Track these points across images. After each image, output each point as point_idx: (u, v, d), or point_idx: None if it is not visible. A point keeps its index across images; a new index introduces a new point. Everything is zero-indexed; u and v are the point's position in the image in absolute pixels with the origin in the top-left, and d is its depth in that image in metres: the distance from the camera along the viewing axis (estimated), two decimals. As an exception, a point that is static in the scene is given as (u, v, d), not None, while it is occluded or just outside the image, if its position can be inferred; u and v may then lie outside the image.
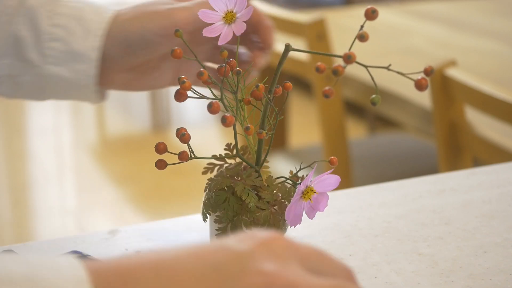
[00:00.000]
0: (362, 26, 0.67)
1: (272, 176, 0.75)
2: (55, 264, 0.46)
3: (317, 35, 1.80)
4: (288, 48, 0.70)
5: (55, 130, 3.96)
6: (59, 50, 0.81)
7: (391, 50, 2.15)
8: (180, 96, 0.70)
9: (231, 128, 0.71)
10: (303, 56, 1.86)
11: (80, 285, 0.45)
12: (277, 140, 2.30)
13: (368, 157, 2.11)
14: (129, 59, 0.81)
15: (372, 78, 0.66)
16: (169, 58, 0.80)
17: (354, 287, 0.52)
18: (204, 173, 0.76)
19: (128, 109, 4.27)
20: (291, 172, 0.76)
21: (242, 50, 0.84)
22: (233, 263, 0.47)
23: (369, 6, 0.66)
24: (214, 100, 0.69)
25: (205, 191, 0.76)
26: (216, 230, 0.75)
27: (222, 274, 0.47)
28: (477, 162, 1.65)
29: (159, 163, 0.72)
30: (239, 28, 0.71)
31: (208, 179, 0.76)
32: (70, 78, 0.82)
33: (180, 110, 4.23)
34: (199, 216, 0.79)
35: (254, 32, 0.82)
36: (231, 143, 0.75)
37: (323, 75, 1.20)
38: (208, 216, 0.75)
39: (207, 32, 0.72)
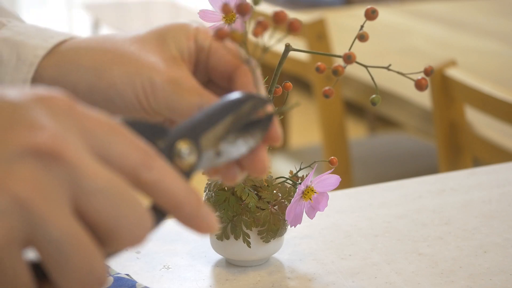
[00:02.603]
0: (362, 26, 0.67)
1: (272, 176, 0.75)
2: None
3: (317, 35, 1.80)
4: (288, 48, 0.70)
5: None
6: None
7: (391, 50, 2.15)
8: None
9: (231, 128, 0.70)
10: (303, 56, 1.86)
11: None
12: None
13: (368, 157, 2.11)
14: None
15: (372, 78, 0.66)
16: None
17: (156, 168, 0.42)
18: (204, 173, 0.76)
19: (128, 109, 4.27)
20: (291, 172, 0.76)
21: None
22: (1, 109, 0.39)
23: (369, 6, 0.66)
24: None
25: (205, 191, 0.76)
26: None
27: None
28: (477, 162, 1.65)
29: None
30: (239, 28, 0.71)
31: (208, 179, 0.76)
32: None
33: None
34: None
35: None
36: (231, 143, 0.75)
37: (323, 75, 1.20)
38: (208, 216, 0.75)
39: (207, 32, 0.72)
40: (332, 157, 0.74)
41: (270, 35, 0.55)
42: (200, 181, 0.63)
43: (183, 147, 0.45)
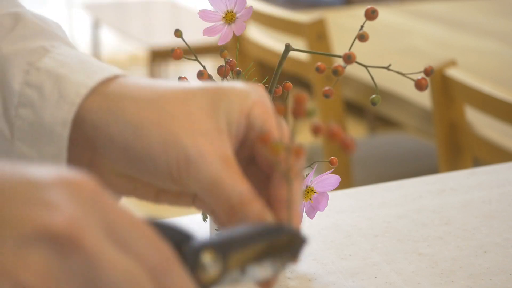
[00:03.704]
0: (362, 26, 0.67)
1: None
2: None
3: (317, 35, 1.80)
4: (288, 48, 0.70)
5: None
6: (27, 121, 0.55)
7: (391, 50, 2.15)
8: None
9: (231, 128, 0.70)
10: (303, 56, 1.86)
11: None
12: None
13: (368, 157, 2.10)
14: (124, 167, 0.53)
15: (372, 78, 0.66)
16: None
17: (171, 276, 0.40)
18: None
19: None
20: (291, 172, 0.76)
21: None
22: (20, 187, 0.37)
23: (369, 6, 0.66)
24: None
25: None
26: (216, 230, 0.75)
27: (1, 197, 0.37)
28: (477, 162, 1.65)
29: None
30: (239, 28, 0.71)
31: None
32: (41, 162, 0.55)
33: (180, 110, 4.22)
34: (199, 216, 0.79)
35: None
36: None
37: (323, 75, 1.20)
38: (208, 216, 0.75)
39: (207, 32, 0.72)
40: (332, 157, 0.74)
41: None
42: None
43: (209, 259, 0.43)
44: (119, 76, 0.55)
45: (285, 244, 0.47)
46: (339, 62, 0.67)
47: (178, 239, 0.43)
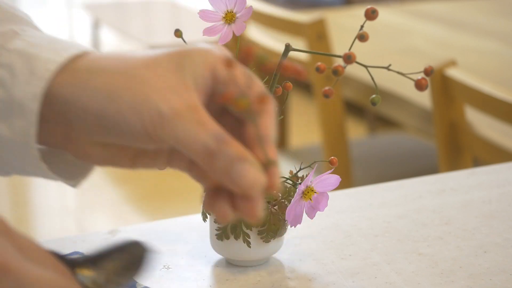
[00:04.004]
0: (362, 26, 0.67)
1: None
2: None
3: (317, 35, 1.80)
4: (288, 48, 0.70)
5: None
6: None
7: (391, 50, 2.15)
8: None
9: (231, 128, 0.70)
10: (303, 56, 1.86)
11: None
12: (277, 140, 2.30)
13: (368, 157, 2.11)
14: (103, 138, 0.56)
15: (372, 78, 0.66)
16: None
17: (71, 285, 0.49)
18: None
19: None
20: (291, 172, 0.76)
21: None
22: None
23: (369, 6, 0.66)
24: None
25: (205, 191, 0.76)
26: (216, 230, 0.75)
27: None
28: (477, 162, 1.65)
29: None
30: (239, 28, 0.71)
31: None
32: (12, 139, 0.57)
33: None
34: (199, 216, 0.79)
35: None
36: (231, 143, 0.75)
37: (323, 75, 1.20)
38: (208, 216, 0.75)
39: (207, 32, 0.72)
40: (332, 157, 0.74)
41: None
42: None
43: (86, 274, 0.51)
44: (88, 53, 0.56)
45: (132, 256, 0.52)
46: (339, 62, 0.67)
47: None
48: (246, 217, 0.52)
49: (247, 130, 0.54)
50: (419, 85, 0.65)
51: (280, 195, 0.75)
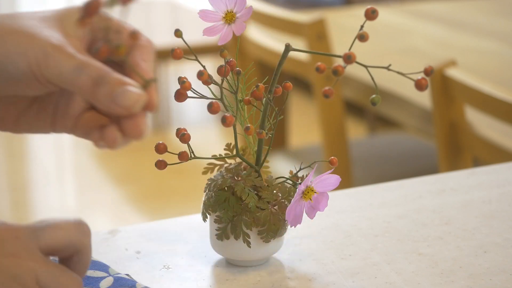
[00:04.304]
0: (362, 26, 0.67)
1: (272, 176, 0.75)
2: None
3: (317, 35, 1.80)
4: (288, 48, 0.70)
5: (55, 130, 3.95)
6: None
7: (391, 50, 2.15)
8: (180, 96, 0.70)
9: (231, 128, 0.71)
10: (303, 56, 1.86)
11: None
12: (277, 140, 2.30)
13: (368, 157, 2.11)
14: None
15: (372, 78, 0.66)
16: (49, 97, 0.63)
17: None
18: (204, 173, 0.76)
19: (128, 109, 4.27)
20: (291, 172, 0.76)
21: None
22: None
23: (369, 6, 0.66)
24: (214, 100, 0.69)
25: (205, 191, 0.76)
26: (216, 230, 0.75)
27: None
28: (477, 162, 1.65)
29: (159, 163, 0.72)
30: (239, 28, 0.71)
31: (208, 179, 0.76)
32: None
33: (180, 110, 4.23)
34: (199, 216, 0.79)
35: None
36: (231, 143, 0.75)
37: (323, 75, 1.20)
38: (208, 216, 0.75)
39: (207, 32, 0.72)
40: (332, 157, 0.74)
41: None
42: (200, 181, 0.63)
43: None
44: None
45: None
46: (339, 62, 0.67)
47: None
48: (133, 136, 0.59)
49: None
50: (419, 85, 0.65)
51: (280, 195, 0.75)
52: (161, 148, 0.72)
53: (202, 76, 0.69)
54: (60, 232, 0.58)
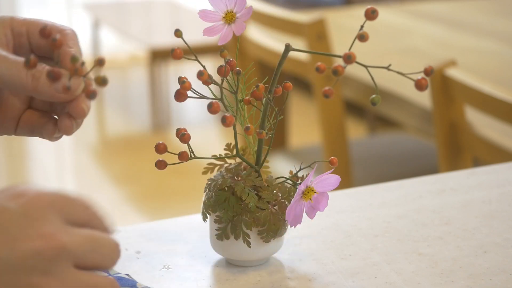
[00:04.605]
0: (362, 26, 0.67)
1: (272, 176, 0.75)
2: None
3: (317, 35, 1.80)
4: (288, 48, 0.70)
5: (55, 130, 3.95)
6: None
7: (391, 50, 2.15)
8: (180, 96, 0.70)
9: (231, 128, 0.71)
10: (303, 56, 1.86)
11: None
12: (277, 140, 2.30)
13: (368, 157, 2.11)
14: None
15: (372, 78, 0.66)
16: None
17: (107, 237, 0.57)
18: (204, 173, 0.76)
19: (128, 109, 4.27)
20: (290, 172, 0.76)
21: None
22: (13, 226, 0.53)
23: (369, 6, 0.66)
24: (214, 100, 0.69)
25: (205, 191, 0.76)
26: (216, 230, 0.75)
27: (7, 235, 0.53)
28: (477, 162, 1.65)
29: (159, 163, 0.72)
30: (239, 28, 0.71)
31: (208, 179, 0.76)
32: None
33: (180, 110, 4.23)
34: (199, 216, 0.79)
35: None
36: (231, 143, 0.75)
37: (323, 75, 1.20)
38: (208, 216, 0.75)
39: (207, 32, 0.72)
40: (332, 157, 0.74)
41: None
42: (200, 181, 0.63)
43: None
44: None
45: None
46: (339, 62, 0.67)
47: None
48: (79, 116, 0.67)
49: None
50: (419, 85, 0.65)
51: (280, 195, 0.75)
52: (161, 148, 0.72)
53: (202, 76, 0.69)
54: None
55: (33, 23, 0.69)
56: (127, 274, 0.73)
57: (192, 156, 0.72)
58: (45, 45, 0.69)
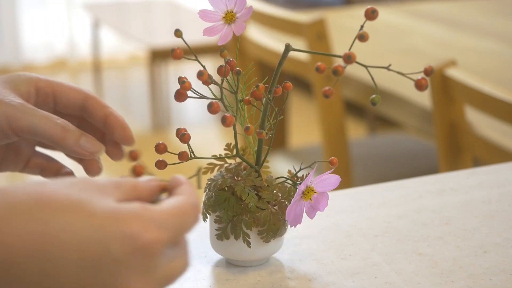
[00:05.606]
0: (362, 26, 0.67)
1: (272, 176, 0.75)
2: None
3: (317, 35, 1.80)
4: (288, 48, 0.70)
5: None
6: None
7: (391, 50, 2.15)
8: (180, 96, 0.70)
9: (231, 128, 0.71)
10: (303, 56, 1.86)
11: None
12: (277, 140, 2.30)
13: (368, 157, 2.11)
14: None
15: (372, 78, 0.66)
16: None
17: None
18: (204, 173, 0.76)
19: (128, 109, 4.27)
20: (290, 172, 0.76)
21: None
22: (107, 273, 0.52)
23: (369, 6, 0.66)
24: (214, 100, 0.69)
25: (205, 191, 0.76)
26: (216, 230, 0.75)
27: (97, 280, 0.52)
28: (477, 162, 1.65)
29: (159, 163, 0.72)
30: (239, 28, 0.71)
31: (208, 179, 0.76)
32: None
33: (180, 110, 4.23)
34: (199, 216, 0.79)
35: (105, 128, 0.75)
36: (231, 143, 0.75)
37: (323, 75, 1.20)
38: (208, 216, 0.75)
39: (207, 32, 0.72)
40: (332, 157, 0.74)
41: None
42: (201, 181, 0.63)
43: None
44: None
45: None
46: (339, 62, 0.67)
47: None
48: (93, 172, 0.74)
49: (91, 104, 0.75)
50: (419, 85, 0.65)
51: (280, 195, 0.75)
52: (161, 148, 0.72)
53: (202, 76, 0.69)
54: None
55: (59, 85, 0.74)
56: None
57: (192, 156, 0.72)
58: (74, 104, 0.75)
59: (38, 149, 0.78)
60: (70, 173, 0.77)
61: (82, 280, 0.51)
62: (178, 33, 0.70)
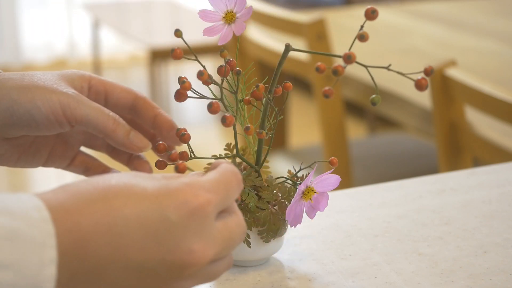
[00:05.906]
0: (362, 26, 0.67)
1: (272, 176, 0.75)
2: (19, 198, 0.53)
3: (317, 35, 1.80)
4: (288, 48, 0.70)
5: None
6: None
7: (391, 50, 2.15)
8: (180, 96, 0.70)
9: (231, 128, 0.71)
10: (303, 56, 1.86)
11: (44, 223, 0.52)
12: (277, 140, 2.30)
13: (368, 157, 2.11)
14: (8, 129, 0.73)
15: (372, 78, 0.66)
16: (47, 139, 0.77)
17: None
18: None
19: (128, 109, 4.27)
20: (290, 172, 0.76)
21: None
22: (169, 238, 0.55)
23: (369, 6, 0.66)
24: (214, 100, 0.69)
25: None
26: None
27: (161, 246, 0.55)
28: (477, 162, 1.65)
29: (159, 163, 0.73)
30: (239, 28, 0.71)
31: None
32: None
33: (180, 110, 4.23)
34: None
35: (154, 128, 0.77)
36: (231, 143, 0.75)
37: (323, 75, 1.20)
38: (208, 216, 0.75)
39: (207, 32, 0.72)
40: (332, 157, 0.74)
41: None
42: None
43: None
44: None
45: None
46: (339, 62, 0.67)
47: None
48: (143, 169, 0.77)
49: (140, 105, 0.77)
50: (419, 85, 0.65)
51: (280, 195, 0.75)
52: (161, 148, 0.72)
53: (202, 76, 0.69)
54: None
55: (110, 85, 0.77)
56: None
57: (192, 156, 0.72)
58: (124, 104, 0.77)
59: (83, 148, 0.81)
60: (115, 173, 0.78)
61: (148, 248, 0.54)
62: (178, 33, 0.70)
